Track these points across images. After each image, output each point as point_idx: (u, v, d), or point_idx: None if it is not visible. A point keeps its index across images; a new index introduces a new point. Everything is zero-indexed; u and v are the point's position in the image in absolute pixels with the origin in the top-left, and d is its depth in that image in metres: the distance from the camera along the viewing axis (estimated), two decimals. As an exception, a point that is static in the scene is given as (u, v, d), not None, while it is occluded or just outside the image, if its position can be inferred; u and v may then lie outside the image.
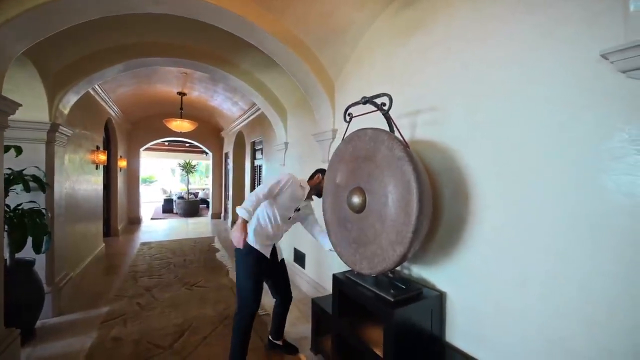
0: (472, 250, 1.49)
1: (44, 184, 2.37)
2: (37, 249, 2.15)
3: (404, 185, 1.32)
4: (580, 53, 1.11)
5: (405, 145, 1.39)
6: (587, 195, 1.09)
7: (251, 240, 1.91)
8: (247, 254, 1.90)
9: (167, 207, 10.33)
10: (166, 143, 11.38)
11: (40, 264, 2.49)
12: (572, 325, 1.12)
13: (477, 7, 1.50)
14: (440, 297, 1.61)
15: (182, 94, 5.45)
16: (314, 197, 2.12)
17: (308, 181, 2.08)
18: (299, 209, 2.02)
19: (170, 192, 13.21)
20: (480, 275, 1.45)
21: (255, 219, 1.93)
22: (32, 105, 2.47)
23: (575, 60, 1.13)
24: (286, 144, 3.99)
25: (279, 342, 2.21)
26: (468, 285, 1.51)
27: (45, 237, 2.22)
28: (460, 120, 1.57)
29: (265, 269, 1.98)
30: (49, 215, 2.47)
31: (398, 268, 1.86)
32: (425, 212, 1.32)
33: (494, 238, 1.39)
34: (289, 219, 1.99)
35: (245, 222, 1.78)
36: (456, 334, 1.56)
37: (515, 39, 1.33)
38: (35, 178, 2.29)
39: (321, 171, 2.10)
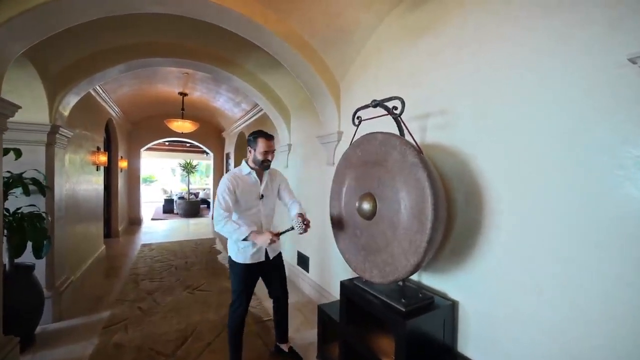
0: (486, 258, 1.45)
1: (44, 187, 2.32)
2: (37, 253, 2.10)
3: (417, 192, 1.27)
4: (601, 57, 1.06)
5: (418, 150, 1.34)
6: (610, 203, 1.04)
7: (233, 254, 1.90)
8: (234, 264, 1.91)
9: (168, 208, 10.28)
10: (166, 143, 11.33)
11: (40, 268, 2.44)
12: (595, 338, 1.07)
13: (491, 10, 1.45)
14: (453, 306, 1.57)
15: (183, 94, 5.40)
16: (268, 172, 1.96)
17: (247, 162, 1.92)
18: (263, 196, 1.91)
19: (171, 192, 13.16)
20: (494, 284, 1.41)
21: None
22: (32, 107, 2.42)
23: (595, 64, 1.08)
24: (289, 145, 3.94)
25: (285, 349, 2.16)
26: (481, 294, 1.47)
27: (45, 241, 2.18)
28: (472, 123, 1.52)
29: (258, 271, 1.95)
30: (49, 219, 2.42)
31: (407, 275, 1.82)
32: (440, 220, 1.28)
33: (509, 245, 1.35)
34: (259, 210, 1.90)
35: (254, 232, 1.75)
36: (469, 344, 1.52)
37: (531, 42, 1.28)
38: (35, 181, 2.24)
39: (249, 141, 1.91)
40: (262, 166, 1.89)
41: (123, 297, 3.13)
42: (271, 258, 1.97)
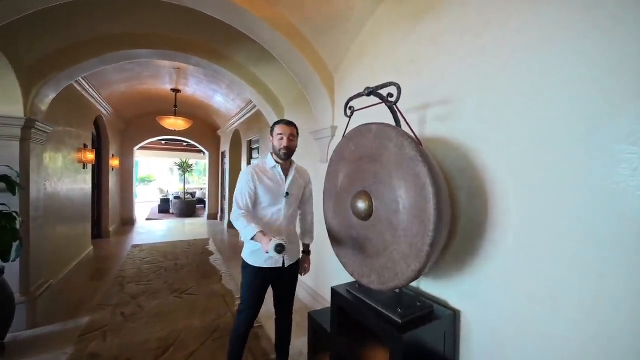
0: (491, 263, 1.29)
1: (15, 185, 2.16)
2: (4, 257, 1.94)
3: (417, 190, 1.12)
4: (633, 27, 0.91)
5: (417, 142, 1.19)
6: (637, 200, 0.89)
7: (246, 255, 1.72)
8: (245, 267, 1.73)
9: (164, 207, 10.12)
10: (163, 142, 11.18)
11: (13, 271, 2.28)
12: (615, 356, 0.92)
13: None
14: (454, 316, 1.41)
15: (176, 90, 5.24)
16: (296, 169, 1.79)
17: (272, 154, 1.74)
18: (288, 193, 1.70)
19: (167, 191, 13.00)
20: (501, 291, 1.25)
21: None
22: (4, 99, 2.27)
23: (623, 37, 0.93)
24: (283, 142, 3.79)
25: None
26: (486, 303, 1.31)
27: (15, 243, 2.02)
28: (476, 114, 1.37)
29: (271, 278, 1.74)
30: (21, 219, 2.25)
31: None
32: (443, 222, 1.12)
33: (517, 248, 1.20)
34: (280, 209, 1.70)
35: (262, 233, 1.44)
36: (472, 359, 1.37)
37: (544, 17, 1.12)
38: (4, 178, 2.08)
39: (271, 131, 1.74)
40: (281, 154, 1.69)
41: (106, 301, 2.96)
42: (286, 266, 1.73)
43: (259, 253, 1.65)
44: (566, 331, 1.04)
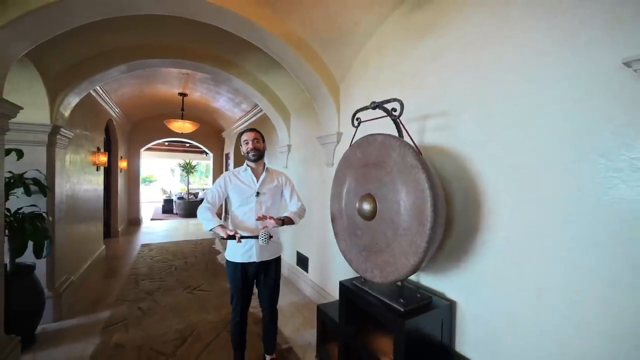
0: (483, 260, 1.46)
1: (45, 188, 2.33)
2: (37, 254, 2.11)
3: (417, 194, 1.29)
4: (600, 59, 1.08)
5: (418, 152, 1.36)
6: (606, 205, 1.06)
7: (226, 251, 1.91)
8: (227, 263, 1.92)
9: (167, 208, 10.28)
10: (166, 143, 11.33)
11: (40, 268, 2.45)
12: (593, 341, 1.09)
13: (493, 11, 1.46)
14: (450, 306, 1.58)
15: (183, 94, 5.41)
16: (268, 171, 1.96)
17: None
18: (259, 193, 1.88)
19: (170, 192, 13.15)
20: (493, 285, 1.42)
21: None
22: (33, 107, 2.43)
23: (594, 66, 1.10)
24: (289, 146, 3.96)
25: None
26: (478, 295, 1.48)
27: (46, 241, 2.19)
28: (472, 125, 1.54)
29: (252, 273, 1.90)
30: (50, 219, 2.42)
31: (406, 275, 1.83)
32: (439, 222, 1.29)
33: (507, 248, 1.36)
34: (252, 208, 1.85)
35: (221, 226, 1.71)
36: (466, 344, 1.54)
37: (533, 41, 1.29)
38: (36, 181, 2.25)
39: (239, 137, 1.98)
40: (250, 156, 1.91)
41: (123, 297, 3.13)
42: (257, 261, 1.86)
43: (235, 249, 1.86)
44: (548, 317, 1.20)
